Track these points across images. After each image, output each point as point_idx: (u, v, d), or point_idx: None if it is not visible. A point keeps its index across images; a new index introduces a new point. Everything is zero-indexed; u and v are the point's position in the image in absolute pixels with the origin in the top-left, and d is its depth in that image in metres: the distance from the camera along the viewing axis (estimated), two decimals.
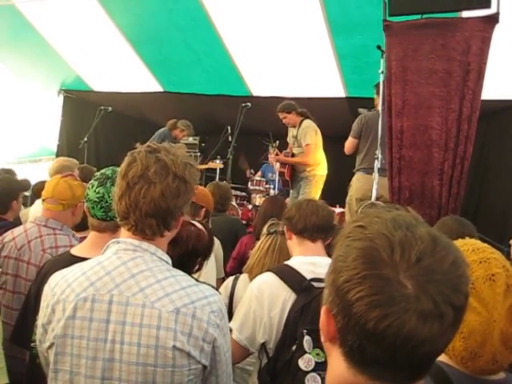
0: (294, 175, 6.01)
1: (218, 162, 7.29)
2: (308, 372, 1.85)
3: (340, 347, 0.82)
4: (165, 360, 1.26)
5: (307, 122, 5.77)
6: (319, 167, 5.83)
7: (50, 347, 1.34)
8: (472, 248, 1.21)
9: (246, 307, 2.09)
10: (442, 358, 1.20)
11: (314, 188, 5.71)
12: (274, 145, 6.05)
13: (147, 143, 1.44)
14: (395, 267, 0.74)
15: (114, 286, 1.30)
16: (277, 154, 6.02)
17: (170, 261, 1.41)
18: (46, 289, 1.41)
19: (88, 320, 1.29)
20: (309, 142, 5.65)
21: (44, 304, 1.38)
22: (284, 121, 5.82)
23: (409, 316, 0.72)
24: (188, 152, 1.79)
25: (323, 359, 1.84)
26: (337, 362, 0.83)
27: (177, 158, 1.37)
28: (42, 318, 1.37)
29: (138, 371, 1.26)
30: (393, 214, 0.82)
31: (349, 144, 5.10)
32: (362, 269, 0.75)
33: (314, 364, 1.86)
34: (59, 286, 1.36)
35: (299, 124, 5.80)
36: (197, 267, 1.98)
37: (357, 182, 4.98)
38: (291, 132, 5.96)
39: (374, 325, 0.73)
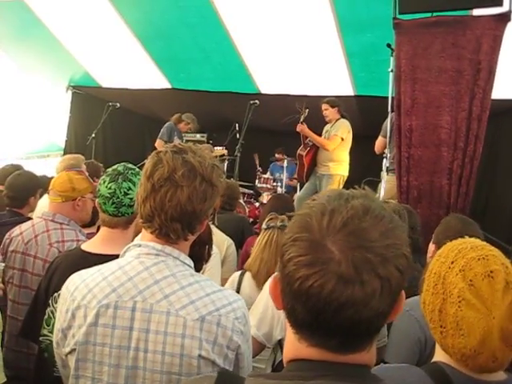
0: (312, 168, 5.97)
1: (220, 148, 7.16)
2: None
3: (284, 311, 0.86)
4: (190, 369, 1.24)
5: (344, 120, 5.80)
6: (341, 167, 5.82)
7: (70, 352, 1.32)
8: (471, 245, 1.21)
9: (264, 305, 2.13)
10: (443, 358, 1.19)
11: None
12: (305, 112, 5.93)
13: (173, 143, 1.41)
14: (322, 232, 0.77)
15: (137, 293, 1.27)
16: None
17: (192, 264, 1.38)
18: (65, 292, 1.37)
19: (111, 327, 1.26)
20: (337, 133, 5.68)
21: (63, 308, 1.34)
22: (324, 112, 5.83)
23: (328, 278, 0.75)
24: None
25: None
26: (289, 329, 0.87)
27: (204, 160, 1.33)
28: (61, 323, 1.34)
29: (162, 379, 1.24)
30: (350, 191, 0.86)
31: (379, 143, 5.03)
32: (295, 232, 0.80)
33: None
34: (79, 290, 1.32)
35: (336, 121, 5.81)
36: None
37: (387, 184, 4.90)
38: (325, 128, 5.95)
39: (299, 285, 0.77)
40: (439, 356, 1.21)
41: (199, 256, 1.83)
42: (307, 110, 5.81)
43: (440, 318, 1.15)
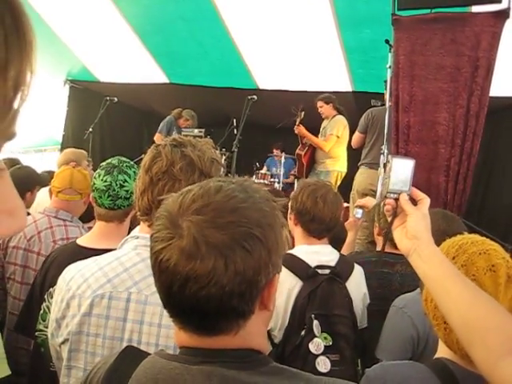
0: (311, 165, 6.00)
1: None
2: (318, 355, 1.91)
3: None
4: None
5: (340, 117, 5.83)
6: (338, 163, 5.85)
7: (63, 343, 1.31)
8: (471, 240, 1.22)
9: None
10: (446, 354, 1.20)
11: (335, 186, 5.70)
12: (301, 115, 5.96)
13: (172, 136, 1.40)
14: (177, 210, 0.81)
15: (133, 284, 1.26)
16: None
17: None
18: (61, 282, 1.36)
19: (104, 318, 1.25)
20: (332, 133, 5.71)
21: (58, 298, 1.34)
22: (320, 110, 5.87)
23: (173, 252, 0.78)
24: None
25: (330, 343, 1.94)
26: None
27: (203, 154, 1.33)
28: (55, 313, 1.33)
29: None
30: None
31: (355, 138, 5.16)
32: (160, 211, 0.85)
33: (323, 348, 1.92)
34: (75, 280, 1.32)
35: (332, 117, 5.85)
36: None
37: (359, 176, 5.02)
38: (323, 124, 5.99)
39: (154, 259, 0.82)
40: (442, 352, 1.22)
41: None
42: (303, 113, 5.84)
43: None
